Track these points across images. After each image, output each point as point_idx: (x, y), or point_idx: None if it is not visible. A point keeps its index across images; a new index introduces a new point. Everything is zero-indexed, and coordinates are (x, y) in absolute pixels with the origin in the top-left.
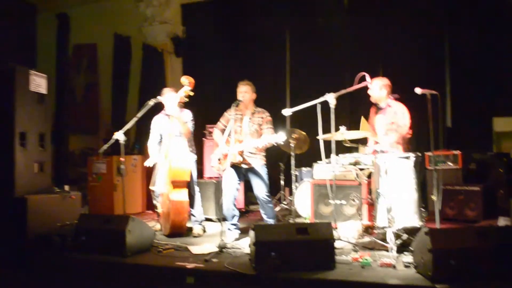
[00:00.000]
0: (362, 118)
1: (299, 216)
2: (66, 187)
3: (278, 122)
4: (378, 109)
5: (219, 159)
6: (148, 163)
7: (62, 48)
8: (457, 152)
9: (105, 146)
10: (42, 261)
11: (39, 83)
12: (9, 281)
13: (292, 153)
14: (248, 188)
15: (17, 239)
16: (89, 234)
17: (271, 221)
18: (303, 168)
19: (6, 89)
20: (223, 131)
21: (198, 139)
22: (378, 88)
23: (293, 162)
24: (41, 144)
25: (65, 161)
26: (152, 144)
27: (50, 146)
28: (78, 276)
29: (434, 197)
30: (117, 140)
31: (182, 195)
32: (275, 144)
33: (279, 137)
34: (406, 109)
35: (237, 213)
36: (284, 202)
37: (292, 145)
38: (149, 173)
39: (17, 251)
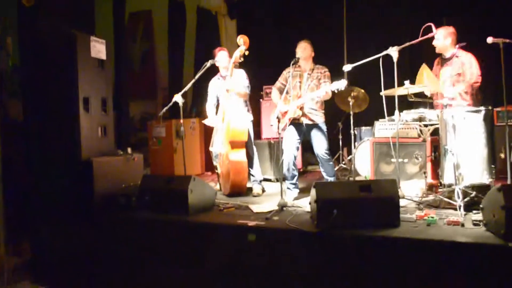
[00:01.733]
0: (424, 66)
1: (358, 175)
2: (129, 150)
3: (336, 79)
4: (443, 60)
5: (277, 117)
6: (207, 121)
7: (119, 16)
8: None
9: (164, 109)
10: (109, 220)
11: (99, 49)
12: (79, 240)
13: (351, 112)
14: (306, 149)
15: (85, 200)
16: (152, 194)
17: (331, 179)
18: (363, 127)
19: (69, 55)
20: (281, 90)
21: (255, 100)
22: (442, 37)
23: (352, 121)
24: (104, 108)
25: (127, 127)
26: (209, 106)
27: (112, 111)
28: (143, 235)
29: (502, 155)
30: (175, 103)
31: (240, 155)
32: (336, 91)
33: (340, 84)
34: (474, 58)
35: (296, 172)
36: (343, 162)
37: (350, 103)
38: (207, 135)
39: (85, 211)
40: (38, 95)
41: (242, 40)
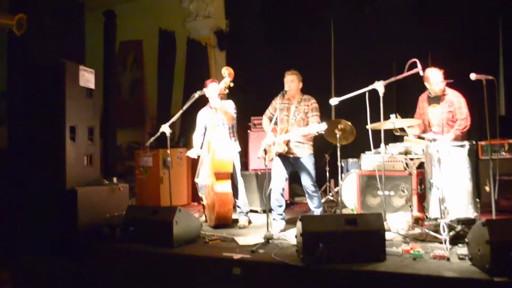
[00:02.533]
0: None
1: (345, 207)
2: (115, 179)
3: (323, 112)
4: (431, 98)
5: (265, 150)
6: (190, 153)
7: (109, 45)
8: None
9: (152, 139)
10: (93, 251)
11: (88, 78)
12: (62, 270)
13: (338, 144)
14: (293, 180)
15: (68, 230)
16: (137, 225)
17: (318, 212)
18: (349, 159)
19: (57, 84)
20: (271, 119)
21: (243, 131)
22: (441, 78)
23: (339, 153)
24: (90, 137)
25: (113, 155)
26: (197, 136)
27: (98, 139)
28: (127, 266)
29: (487, 188)
30: (163, 133)
31: (225, 186)
32: (317, 134)
33: (320, 127)
34: (462, 97)
35: (283, 203)
36: (330, 194)
37: (337, 136)
38: (194, 165)
39: (69, 241)
40: (24, 122)
41: (227, 72)
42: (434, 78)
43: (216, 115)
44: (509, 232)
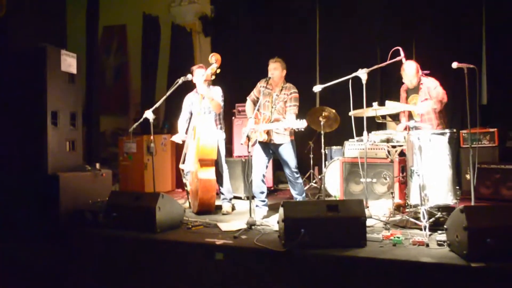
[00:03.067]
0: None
1: (329, 195)
2: (97, 165)
3: (308, 99)
4: (410, 89)
5: (247, 136)
6: (175, 138)
7: (92, 29)
8: (494, 129)
9: (135, 125)
10: (75, 237)
11: (70, 63)
12: (43, 256)
13: (322, 132)
14: (277, 167)
15: (51, 215)
16: (120, 210)
17: (300, 198)
18: (333, 147)
19: (38, 69)
20: (254, 101)
21: (227, 117)
22: (415, 72)
23: (323, 140)
24: (72, 123)
25: (97, 142)
26: (182, 121)
27: (81, 125)
28: (109, 252)
29: (468, 176)
30: (146, 119)
31: (209, 173)
32: (296, 130)
33: (300, 124)
34: (437, 81)
35: (265, 189)
36: (314, 181)
37: (321, 123)
38: (178, 151)
39: (51, 226)
40: (5, 107)
41: (214, 58)
42: (409, 71)
43: (202, 101)
44: (486, 219)
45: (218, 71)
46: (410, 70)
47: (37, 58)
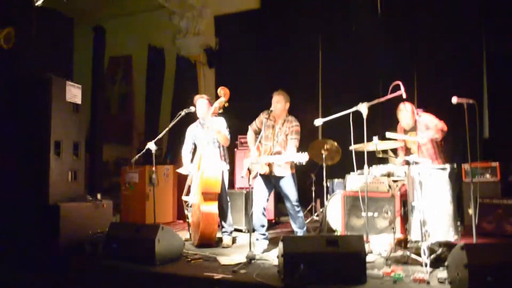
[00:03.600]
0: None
1: (331, 228)
2: (99, 196)
3: (310, 132)
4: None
5: (248, 169)
6: (181, 170)
7: (98, 60)
8: (495, 163)
9: (137, 156)
10: (74, 268)
11: (74, 93)
12: (43, 285)
13: (324, 164)
14: (279, 199)
15: (50, 246)
16: (119, 242)
17: (301, 232)
18: (335, 180)
19: (43, 99)
20: (255, 131)
21: (229, 149)
22: (411, 114)
23: (324, 173)
24: (75, 153)
25: (99, 171)
26: (184, 152)
27: (84, 155)
28: (108, 284)
29: (470, 211)
30: (149, 150)
31: (212, 207)
32: (297, 164)
33: (302, 157)
34: (433, 115)
35: (265, 222)
36: (316, 214)
37: (323, 155)
38: (181, 183)
39: (50, 257)
40: (10, 136)
41: (223, 92)
42: (404, 114)
43: (208, 133)
44: (487, 256)
45: (226, 105)
46: (406, 113)
47: (43, 88)
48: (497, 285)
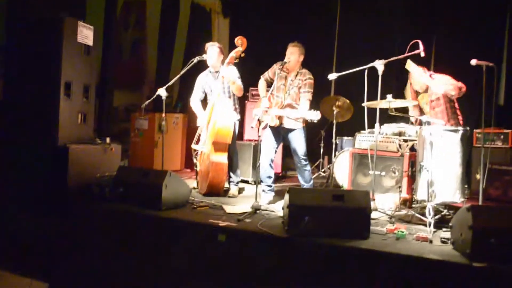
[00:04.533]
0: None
1: (337, 185)
2: (108, 140)
3: (323, 87)
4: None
5: (258, 120)
6: (199, 123)
7: (111, 4)
8: (508, 131)
9: (147, 102)
10: (81, 209)
11: (86, 34)
12: (49, 227)
13: (334, 121)
14: (287, 153)
15: (58, 187)
16: (127, 186)
17: (307, 186)
18: (345, 137)
19: (54, 39)
20: (267, 81)
21: (240, 101)
22: (420, 81)
23: (334, 130)
24: (86, 95)
25: (109, 116)
26: (194, 101)
27: (94, 98)
28: (114, 226)
29: (478, 176)
30: (159, 96)
31: (222, 157)
32: (309, 121)
33: (314, 115)
34: (449, 76)
35: (272, 174)
36: (323, 170)
37: (334, 112)
38: (190, 131)
39: (58, 198)
40: (21, 76)
41: (241, 41)
42: (416, 78)
43: (221, 82)
44: (492, 219)
45: (243, 55)
46: (417, 77)
47: (54, 29)
48: (500, 248)
